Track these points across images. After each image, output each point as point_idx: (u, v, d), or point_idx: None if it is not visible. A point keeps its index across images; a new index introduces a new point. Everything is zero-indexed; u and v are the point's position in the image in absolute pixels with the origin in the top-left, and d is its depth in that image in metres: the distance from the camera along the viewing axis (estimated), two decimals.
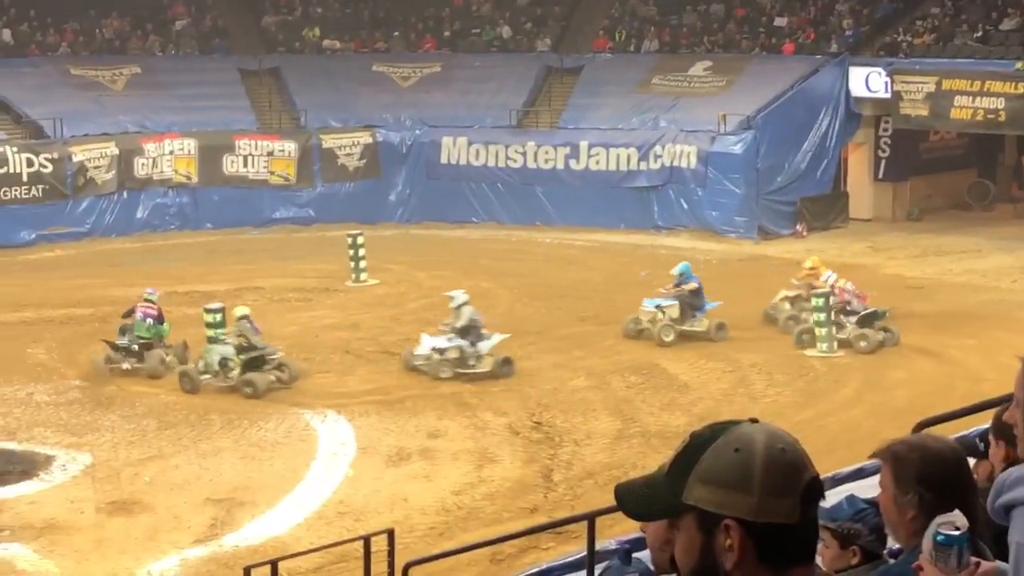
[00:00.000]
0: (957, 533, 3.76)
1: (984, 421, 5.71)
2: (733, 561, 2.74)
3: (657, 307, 28.70)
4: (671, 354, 27.54)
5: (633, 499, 2.86)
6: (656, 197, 41.18)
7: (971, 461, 4.57)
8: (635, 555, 6.23)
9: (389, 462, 21.74)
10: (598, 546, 9.30)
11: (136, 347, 26.41)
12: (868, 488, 6.03)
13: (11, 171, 39.13)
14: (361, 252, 34.72)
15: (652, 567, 5.13)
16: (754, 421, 2.82)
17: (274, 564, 14.10)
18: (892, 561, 4.83)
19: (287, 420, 23.88)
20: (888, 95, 40.25)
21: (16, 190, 39.22)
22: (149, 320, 26.71)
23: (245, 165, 42.89)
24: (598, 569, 8.25)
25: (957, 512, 3.81)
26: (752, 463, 2.73)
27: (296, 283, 34.21)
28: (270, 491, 20.56)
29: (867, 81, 40.91)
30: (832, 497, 5.21)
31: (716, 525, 2.75)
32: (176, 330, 27.45)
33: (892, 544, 4.95)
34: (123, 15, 46.80)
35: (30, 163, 39.46)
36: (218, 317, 26.91)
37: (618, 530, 12.28)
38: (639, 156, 41.43)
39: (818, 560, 2.91)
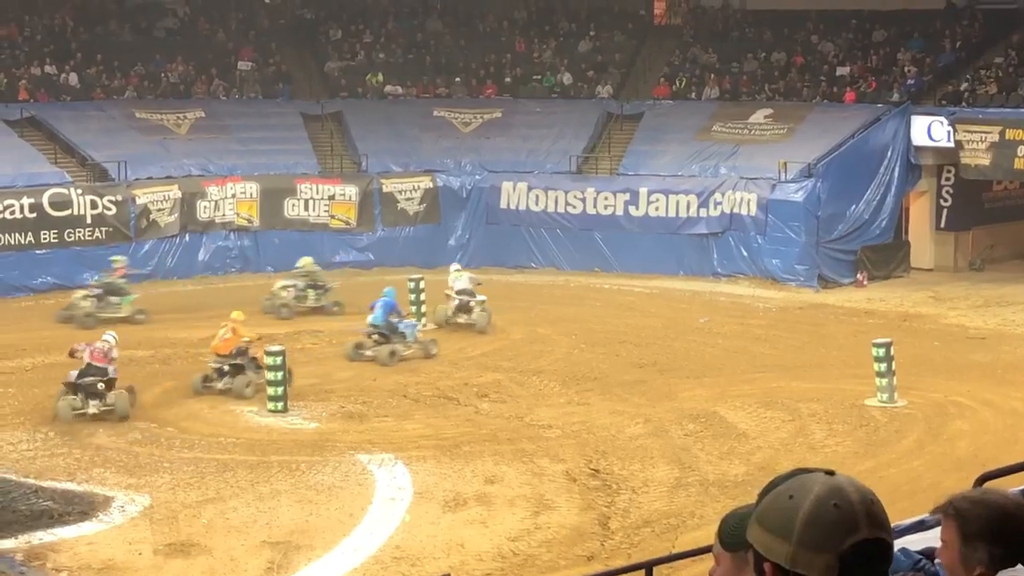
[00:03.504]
0: None
1: None
2: None
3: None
4: (730, 403, 27.40)
5: (729, 525, 3.10)
6: (716, 244, 41.09)
7: None
8: None
9: (446, 507, 21.69)
10: None
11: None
12: (930, 541, 5.95)
13: (75, 213, 39.57)
14: (423, 297, 34.82)
15: None
16: (830, 473, 2.85)
17: None
18: None
19: (344, 464, 23.90)
20: (950, 144, 40.05)
21: (80, 232, 39.63)
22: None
23: (306, 208, 43.18)
24: None
25: (1019, 567, 3.76)
26: (796, 513, 2.77)
27: (355, 327, 34.26)
28: (327, 535, 20.57)
29: (929, 130, 40.71)
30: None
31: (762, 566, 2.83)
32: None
33: None
34: (188, 60, 47.32)
35: (94, 205, 39.88)
36: (278, 360, 27.05)
37: None
38: (699, 203, 41.35)
39: None
